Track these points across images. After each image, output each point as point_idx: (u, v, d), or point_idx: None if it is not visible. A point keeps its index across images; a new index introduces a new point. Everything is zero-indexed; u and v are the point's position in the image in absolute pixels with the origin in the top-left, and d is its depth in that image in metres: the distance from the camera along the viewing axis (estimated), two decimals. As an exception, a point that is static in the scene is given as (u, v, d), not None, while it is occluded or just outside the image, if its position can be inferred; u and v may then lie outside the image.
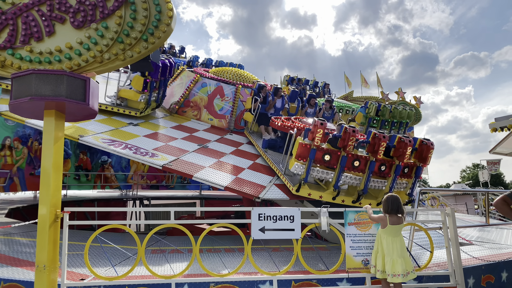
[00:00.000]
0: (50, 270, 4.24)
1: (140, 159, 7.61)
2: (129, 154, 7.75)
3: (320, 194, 7.17)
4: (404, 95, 21.79)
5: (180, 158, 8.21)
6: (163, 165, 7.49)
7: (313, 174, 7.06)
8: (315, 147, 6.76)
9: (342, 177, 7.00)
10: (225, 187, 7.20)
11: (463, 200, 24.45)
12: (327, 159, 6.90)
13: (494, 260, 6.20)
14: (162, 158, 7.91)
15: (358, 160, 6.96)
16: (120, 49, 4.70)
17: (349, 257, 4.87)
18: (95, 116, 4.93)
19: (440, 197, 21.71)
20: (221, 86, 12.49)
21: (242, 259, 4.68)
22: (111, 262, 5.68)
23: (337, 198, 7.13)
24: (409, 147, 6.87)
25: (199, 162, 8.27)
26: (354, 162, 6.95)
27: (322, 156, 6.88)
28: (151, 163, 7.63)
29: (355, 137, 6.76)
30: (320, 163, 7.01)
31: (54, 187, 4.42)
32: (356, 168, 6.99)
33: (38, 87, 4.24)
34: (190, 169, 7.66)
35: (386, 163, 7.07)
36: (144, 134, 9.55)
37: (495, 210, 12.11)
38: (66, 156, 16.28)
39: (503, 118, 7.53)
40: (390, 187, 7.22)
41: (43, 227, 4.27)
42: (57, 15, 4.63)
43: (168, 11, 4.88)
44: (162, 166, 7.46)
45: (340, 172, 6.94)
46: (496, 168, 27.92)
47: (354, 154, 6.92)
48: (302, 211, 4.96)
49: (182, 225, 4.82)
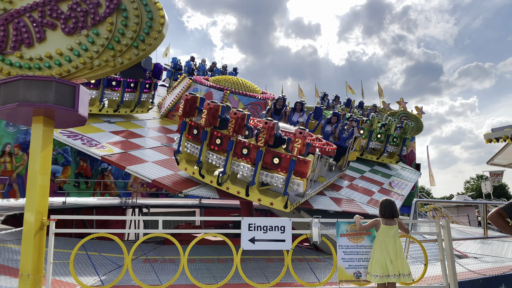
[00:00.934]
0: (34, 279, 4.16)
1: (80, 147, 7.75)
2: (75, 144, 7.87)
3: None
4: (406, 105, 21.73)
5: (128, 152, 8.30)
6: (102, 156, 7.59)
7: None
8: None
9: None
10: (152, 180, 7.17)
11: (465, 211, 24.20)
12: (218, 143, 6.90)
13: (492, 274, 6.07)
14: (108, 150, 8.00)
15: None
16: (110, 56, 4.66)
17: (341, 269, 4.76)
18: (85, 123, 4.89)
19: (441, 209, 21.54)
20: (210, 92, 12.43)
21: (231, 270, 4.59)
22: (101, 271, 5.60)
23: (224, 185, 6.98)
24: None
25: (145, 158, 8.30)
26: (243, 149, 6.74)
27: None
28: (91, 152, 7.74)
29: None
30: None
31: (40, 194, 4.36)
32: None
33: (26, 93, 4.21)
34: (127, 162, 7.69)
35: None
36: (110, 130, 9.69)
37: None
38: (66, 163, 16.27)
39: (499, 128, 7.46)
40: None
41: (28, 234, 4.20)
42: (49, 21, 4.62)
43: (159, 18, 4.86)
44: (101, 156, 7.57)
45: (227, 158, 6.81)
46: (499, 180, 27.66)
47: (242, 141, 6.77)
48: (293, 221, 4.86)
49: (177, 234, 4.74)
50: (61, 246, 7.30)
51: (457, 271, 5.42)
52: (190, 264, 6.68)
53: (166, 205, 18.26)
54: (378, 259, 4.59)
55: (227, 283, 4.69)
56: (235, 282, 5.12)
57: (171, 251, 7.98)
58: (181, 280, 5.21)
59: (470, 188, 59.44)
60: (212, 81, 12.96)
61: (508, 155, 8.93)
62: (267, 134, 6.40)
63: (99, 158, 7.61)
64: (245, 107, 12.06)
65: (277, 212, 10.59)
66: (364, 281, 4.74)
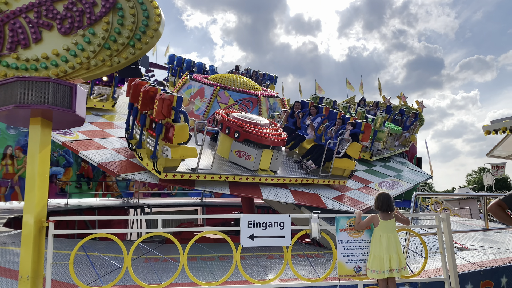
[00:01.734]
0: (33, 280, 4.17)
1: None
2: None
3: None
4: (406, 100, 21.68)
5: (92, 139, 8.40)
6: (63, 141, 7.72)
7: None
8: None
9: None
10: (97, 163, 7.26)
11: (467, 204, 24.17)
12: None
13: (493, 265, 6.07)
14: (74, 137, 8.15)
15: None
16: (107, 55, 4.67)
17: (341, 264, 4.76)
18: (83, 123, 4.89)
19: (443, 202, 21.51)
20: (203, 88, 12.45)
21: (231, 268, 4.60)
22: (101, 271, 5.62)
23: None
24: None
25: (106, 145, 8.37)
26: None
27: None
28: (55, 138, 7.79)
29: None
30: None
31: (39, 196, 4.36)
32: None
33: (23, 95, 4.21)
34: (83, 147, 7.78)
35: None
36: (91, 121, 9.83)
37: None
38: (68, 165, 16.28)
39: (498, 120, 7.44)
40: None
41: (27, 236, 4.22)
42: (45, 22, 4.62)
43: (155, 16, 4.86)
44: (62, 142, 7.72)
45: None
46: (501, 172, 27.61)
47: None
48: (292, 217, 4.87)
49: (178, 233, 4.74)
50: (62, 248, 7.32)
51: (457, 264, 5.42)
52: (191, 262, 6.70)
53: (168, 205, 18.26)
54: (376, 254, 4.60)
55: (227, 280, 4.70)
56: (235, 280, 5.13)
57: (172, 250, 8.00)
58: (181, 279, 5.23)
59: (472, 181, 59.38)
60: (211, 79, 12.97)
61: (508, 147, 8.92)
62: (160, 105, 6.55)
63: (60, 143, 7.75)
64: (235, 102, 12.10)
65: (277, 208, 10.62)
66: (364, 275, 4.74)
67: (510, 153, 10.12)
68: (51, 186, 15.06)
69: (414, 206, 6.79)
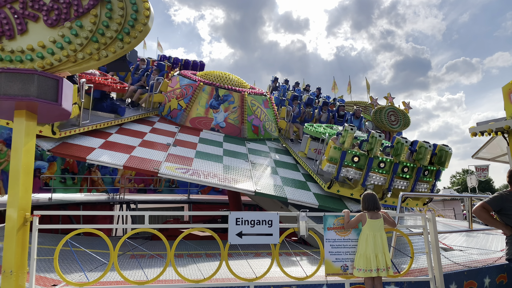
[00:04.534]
0: (17, 275, 4.09)
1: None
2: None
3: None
4: (393, 100, 21.84)
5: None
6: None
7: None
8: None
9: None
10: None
11: (451, 205, 24.53)
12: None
13: (476, 266, 6.14)
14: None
15: (384, 162, 8.07)
16: (94, 49, 4.59)
17: (328, 263, 4.77)
18: (69, 117, 4.81)
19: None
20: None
21: (218, 265, 4.57)
22: (87, 267, 5.54)
23: None
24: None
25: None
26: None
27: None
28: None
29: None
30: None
31: (23, 190, 4.27)
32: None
33: (7, 87, 4.12)
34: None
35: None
36: None
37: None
38: (53, 159, 16.04)
39: (483, 123, 7.56)
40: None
41: (10, 231, 4.13)
42: (30, 13, 4.52)
43: (145, 10, 4.79)
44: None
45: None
46: (485, 174, 28.00)
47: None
48: (280, 215, 4.85)
49: (165, 230, 4.68)
50: (46, 243, 7.20)
51: (442, 264, 5.48)
52: (178, 259, 6.64)
53: (154, 201, 18.13)
54: (362, 252, 4.62)
55: (214, 278, 4.67)
56: (222, 277, 5.10)
57: (158, 246, 7.93)
58: (168, 275, 5.18)
59: (456, 182, 60.27)
60: (199, 76, 12.96)
61: (493, 149, 9.06)
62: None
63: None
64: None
65: (264, 206, 10.62)
66: (351, 274, 4.76)
67: (495, 155, 10.29)
68: (35, 180, 14.82)
69: (400, 206, 6.84)
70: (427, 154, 8.10)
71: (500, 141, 9.41)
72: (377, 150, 8.06)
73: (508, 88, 8.25)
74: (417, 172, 8.17)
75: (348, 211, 4.91)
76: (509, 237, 4.58)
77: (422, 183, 8.46)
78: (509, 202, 4.53)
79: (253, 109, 12.76)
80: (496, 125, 8.19)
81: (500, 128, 8.28)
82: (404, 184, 8.30)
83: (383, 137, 8.04)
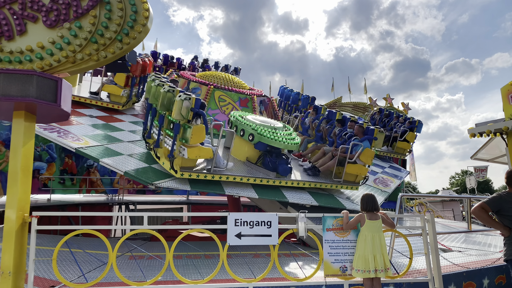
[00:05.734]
0: (16, 276, 4.08)
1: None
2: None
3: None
4: (392, 101, 21.89)
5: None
6: (76, 148, 7.36)
7: None
8: None
9: None
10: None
11: (450, 206, 24.54)
12: None
13: (475, 266, 6.15)
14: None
15: None
16: (93, 50, 4.59)
17: (327, 264, 4.77)
18: (68, 117, 4.81)
19: (427, 203, 21.79)
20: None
21: (217, 266, 4.57)
22: (85, 268, 5.53)
23: None
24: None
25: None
26: None
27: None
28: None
29: None
30: None
31: (22, 191, 4.27)
32: None
33: (6, 87, 4.11)
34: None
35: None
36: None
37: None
38: (51, 160, 16.02)
39: (482, 123, 7.57)
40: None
41: (9, 231, 4.12)
42: (29, 14, 4.51)
43: (144, 11, 4.79)
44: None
45: None
46: (483, 175, 28.03)
47: None
48: (280, 216, 4.85)
49: (163, 231, 4.68)
50: (45, 244, 7.19)
51: (441, 265, 5.49)
52: (177, 260, 6.64)
53: (153, 202, 18.11)
54: (361, 253, 4.63)
55: (213, 279, 4.67)
56: (221, 278, 5.10)
57: (157, 247, 7.92)
58: (167, 277, 5.18)
59: (455, 183, 60.33)
60: (198, 76, 12.91)
61: (491, 150, 9.08)
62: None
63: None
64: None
65: (264, 207, 10.60)
66: (350, 275, 4.76)
67: (493, 156, 10.31)
68: (34, 181, 14.78)
69: (399, 207, 6.85)
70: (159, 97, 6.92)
71: (499, 142, 9.44)
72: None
73: (507, 89, 8.27)
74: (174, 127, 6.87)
75: (347, 211, 4.91)
76: (507, 238, 4.59)
77: (167, 138, 7.25)
78: (508, 203, 4.54)
79: (220, 104, 12.39)
80: (495, 126, 8.22)
81: (499, 129, 8.31)
82: (169, 143, 7.05)
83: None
